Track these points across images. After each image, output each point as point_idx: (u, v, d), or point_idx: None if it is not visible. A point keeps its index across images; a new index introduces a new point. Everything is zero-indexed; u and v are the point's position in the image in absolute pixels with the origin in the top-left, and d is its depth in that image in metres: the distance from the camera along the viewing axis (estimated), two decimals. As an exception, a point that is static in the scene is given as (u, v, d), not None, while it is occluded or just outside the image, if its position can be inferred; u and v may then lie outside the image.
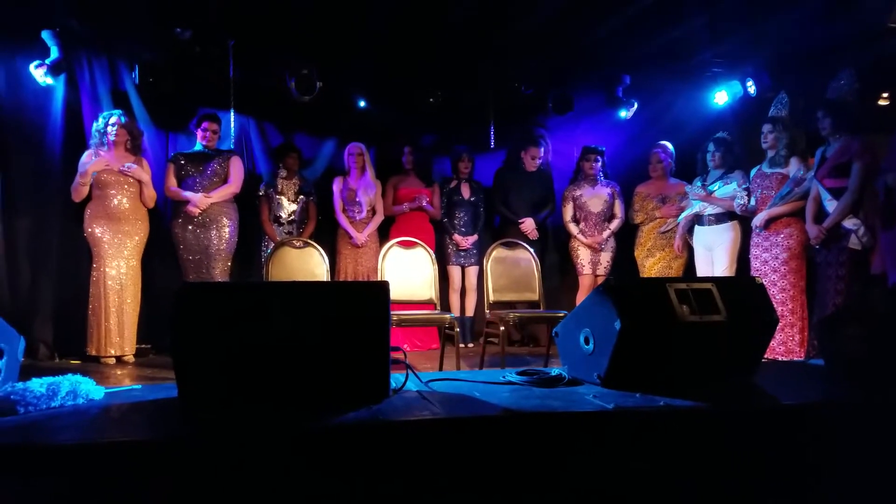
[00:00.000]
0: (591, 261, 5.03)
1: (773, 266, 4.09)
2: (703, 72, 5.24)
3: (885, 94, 4.52)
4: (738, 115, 5.11)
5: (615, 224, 5.05)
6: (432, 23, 4.56)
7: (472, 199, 5.17)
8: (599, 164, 5.11)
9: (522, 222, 5.08)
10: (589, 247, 5.02)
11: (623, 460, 1.64)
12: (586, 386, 2.00)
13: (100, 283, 4.14)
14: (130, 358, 4.22)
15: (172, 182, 4.44)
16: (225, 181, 4.48)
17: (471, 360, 4.26)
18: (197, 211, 4.34)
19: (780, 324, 3.61)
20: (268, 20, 4.46)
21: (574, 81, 5.37)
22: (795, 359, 3.93)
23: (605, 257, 5.04)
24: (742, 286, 2.19)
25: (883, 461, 1.76)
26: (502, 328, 3.57)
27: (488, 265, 3.84)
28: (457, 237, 5.09)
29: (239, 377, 1.71)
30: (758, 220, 4.17)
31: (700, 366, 2.07)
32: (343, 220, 4.84)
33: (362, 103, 5.12)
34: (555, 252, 5.43)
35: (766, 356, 2.50)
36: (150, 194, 4.33)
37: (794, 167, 4.10)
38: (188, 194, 4.37)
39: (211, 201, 4.38)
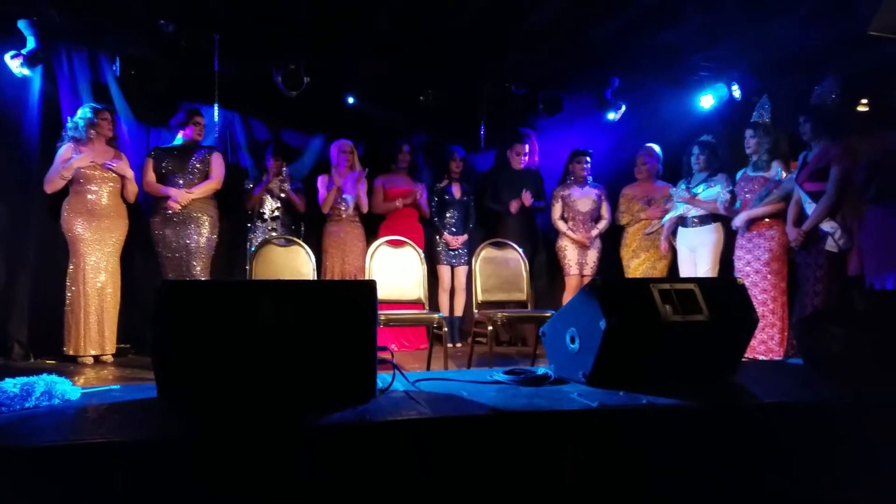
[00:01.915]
0: (577, 261, 5.06)
1: (755, 267, 4.15)
2: (691, 75, 5.28)
3: (864, 101, 4.58)
4: (723, 119, 5.16)
5: (602, 225, 5.09)
6: (424, 20, 4.54)
7: (462, 199, 5.18)
8: (588, 165, 5.14)
9: (512, 203, 5.06)
10: (577, 243, 5.04)
11: (607, 458, 1.65)
12: (572, 385, 2.01)
13: (78, 281, 4.07)
14: (109, 358, 4.15)
15: (151, 177, 4.37)
16: (206, 177, 4.41)
17: (459, 360, 4.26)
18: (178, 207, 4.28)
19: (760, 324, 3.65)
20: (254, 13, 4.41)
21: (565, 83, 5.39)
22: (775, 358, 3.98)
23: (592, 258, 5.08)
24: (724, 287, 2.22)
25: (860, 458, 1.78)
26: (490, 328, 3.57)
27: (477, 265, 3.84)
28: (447, 237, 5.09)
29: (221, 378, 1.68)
30: (738, 221, 4.23)
31: (683, 364, 2.08)
32: (328, 205, 4.77)
33: (351, 100, 5.10)
34: (543, 253, 5.45)
35: (746, 355, 2.53)
36: (133, 189, 4.27)
37: (774, 170, 4.16)
38: (170, 190, 4.31)
39: (192, 197, 4.32)
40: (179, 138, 4.47)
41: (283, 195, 4.72)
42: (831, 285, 3.71)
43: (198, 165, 4.41)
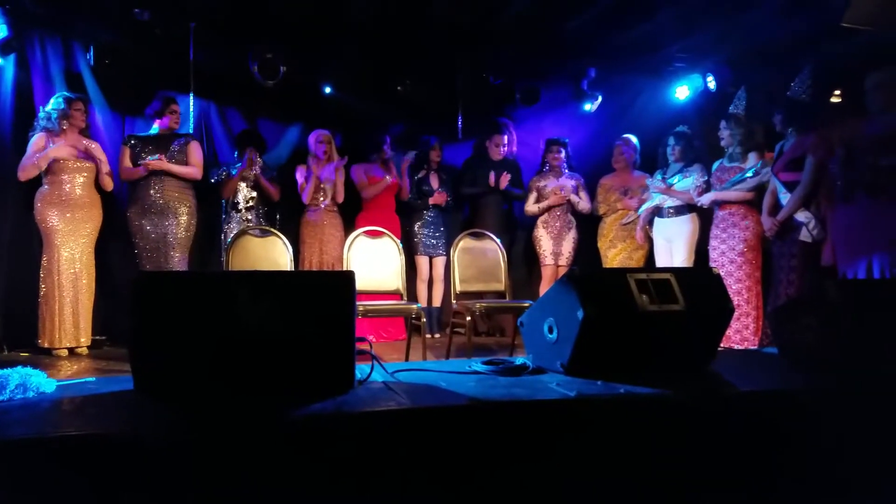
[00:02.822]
0: (553, 251, 5.10)
1: (730, 257, 4.20)
2: (667, 66, 5.33)
3: (837, 91, 4.66)
4: (699, 110, 5.21)
5: (582, 205, 5.10)
6: (401, 10, 4.52)
7: (440, 189, 5.17)
8: (563, 154, 5.16)
9: (491, 176, 5.06)
10: (552, 218, 5.03)
11: (586, 447, 1.67)
12: (550, 374, 2.02)
13: (52, 272, 4.00)
14: (84, 350, 4.10)
15: (128, 164, 4.29)
16: (184, 165, 4.35)
17: (438, 351, 4.27)
18: (154, 164, 4.18)
19: (735, 313, 3.71)
20: (230, 2, 4.36)
21: (541, 73, 5.41)
22: (750, 347, 4.05)
23: (567, 247, 5.11)
24: (700, 276, 2.24)
25: (835, 445, 1.82)
26: (469, 318, 3.58)
27: (455, 256, 3.84)
28: (433, 200, 5.07)
29: (198, 369, 1.67)
30: (705, 200, 4.30)
31: (659, 353, 2.11)
32: (308, 195, 4.75)
33: (328, 89, 5.06)
34: (520, 243, 5.49)
35: (722, 344, 2.57)
36: (108, 171, 4.19)
37: (751, 161, 4.21)
38: (147, 161, 4.21)
39: (167, 168, 4.22)
40: (155, 128, 4.40)
41: (256, 184, 4.66)
42: (805, 275, 3.77)
43: (176, 155, 4.34)
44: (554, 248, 5.09)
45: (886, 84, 3.26)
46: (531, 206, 5.15)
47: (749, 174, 4.13)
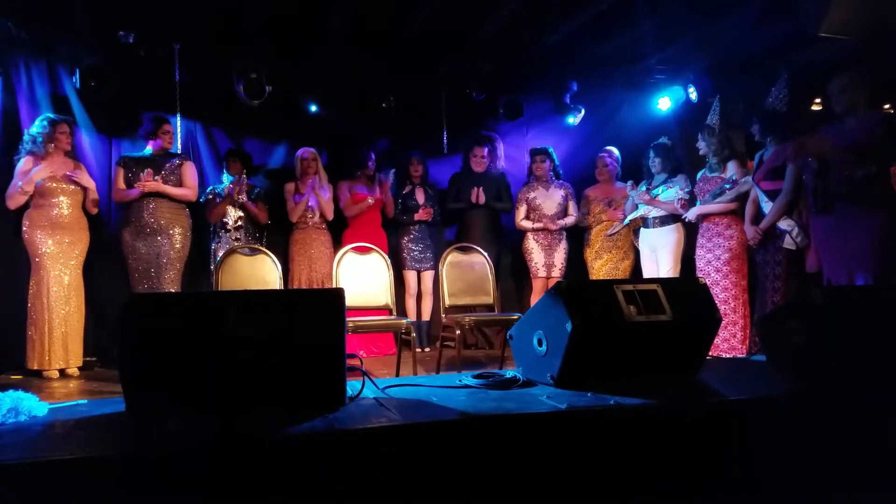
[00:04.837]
0: (545, 263, 5.09)
1: (715, 266, 4.24)
2: (648, 78, 5.40)
3: (817, 100, 4.74)
4: (680, 121, 5.28)
5: (570, 220, 5.14)
6: (385, 28, 4.57)
7: (427, 203, 5.18)
8: (547, 164, 5.19)
9: (472, 192, 5.07)
10: (541, 242, 5.07)
11: (577, 458, 1.68)
12: (540, 387, 2.04)
13: (42, 295, 3.97)
14: (75, 371, 4.06)
15: (122, 185, 4.28)
16: (178, 186, 4.35)
17: (428, 365, 4.27)
18: (147, 184, 4.17)
19: (722, 322, 3.75)
20: (214, 23, 4.39)
21: (524, 88, 5.47)
22: (738, 355, 4.08)
23: (559, 259, 5.11)
24: (686, 286, 2.27)
25: (823, 450, 1.85)
26: (458, 332, 3.59)
27: (444, 269, 3.86)
28: (417, 216, 5.08)
29: (190, 389, 1.68)
30: (690, 215, 4.35)
31: (648, 364, 2.13)
32: (296, 215, 4.76)
33: (313, 108, 5.09)
34: (509, 255, 5.49)
35: (710, 353, 2.60)
36: (95, 200, 4.19)
37: (731, 171, 4.27)
38: (142, 181, 4.20)
39: (161, 189, 4.21)
40: (148, 149, 4.38)
41: (243, 206, 4.67)
42: (790, 282, 3.80)
43: (171, 176, 4.33)
44: (546, 259, 5.09)
45: (850, 87, 3.33)
46: (523, 222, 5.15)
47: (727, 186, 4.18)
